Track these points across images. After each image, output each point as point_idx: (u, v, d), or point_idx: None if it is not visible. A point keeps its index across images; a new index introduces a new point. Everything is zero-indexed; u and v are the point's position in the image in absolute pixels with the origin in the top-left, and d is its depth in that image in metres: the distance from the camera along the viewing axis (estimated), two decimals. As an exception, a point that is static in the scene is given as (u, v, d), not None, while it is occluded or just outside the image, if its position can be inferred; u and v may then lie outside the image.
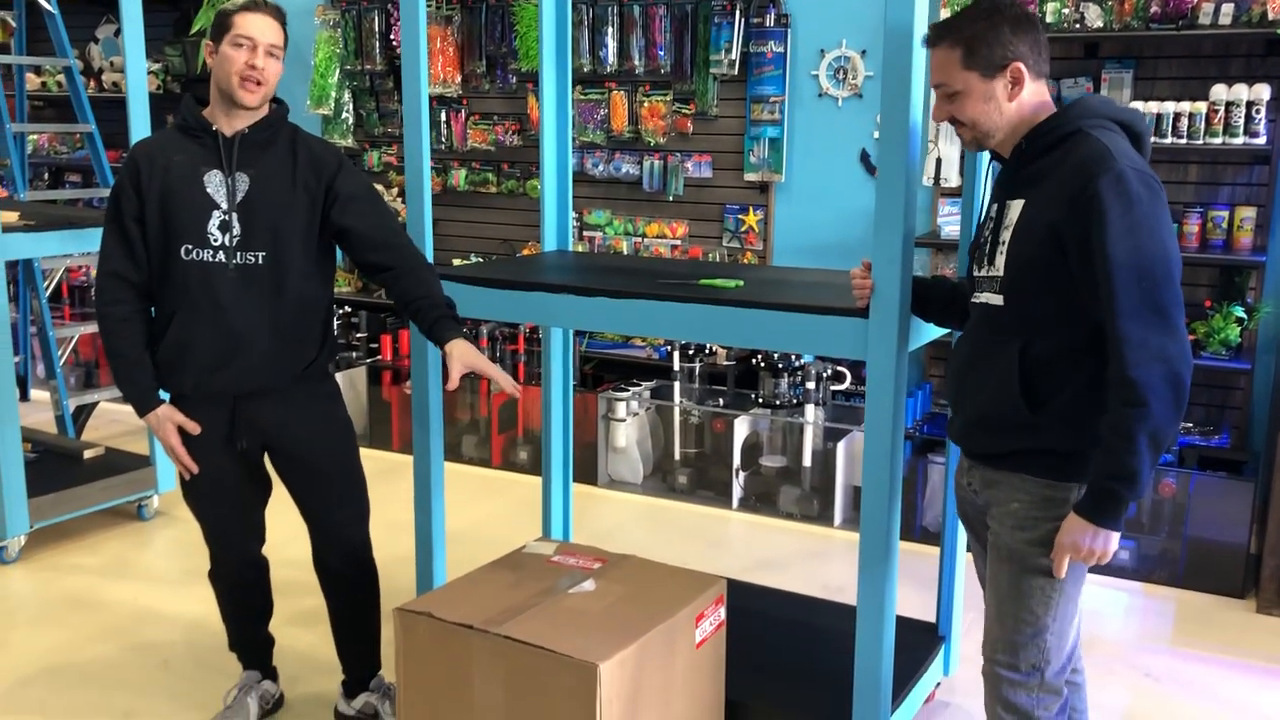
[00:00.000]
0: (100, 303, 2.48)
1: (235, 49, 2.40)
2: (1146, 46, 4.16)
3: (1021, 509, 1.99)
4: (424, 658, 2.25)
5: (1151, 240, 1.81)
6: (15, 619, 3.48)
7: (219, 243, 2.44)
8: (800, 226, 4.92)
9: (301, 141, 2.55)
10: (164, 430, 2.49)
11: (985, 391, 2.02)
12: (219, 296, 2.44)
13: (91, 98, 5.55)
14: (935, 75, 2.01)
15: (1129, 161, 1.85)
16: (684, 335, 2.65)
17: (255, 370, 2.50)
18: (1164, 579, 3.85)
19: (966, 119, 2.00)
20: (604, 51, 5.08)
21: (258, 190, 2.46)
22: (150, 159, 2.46)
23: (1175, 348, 1.81)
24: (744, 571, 3.80)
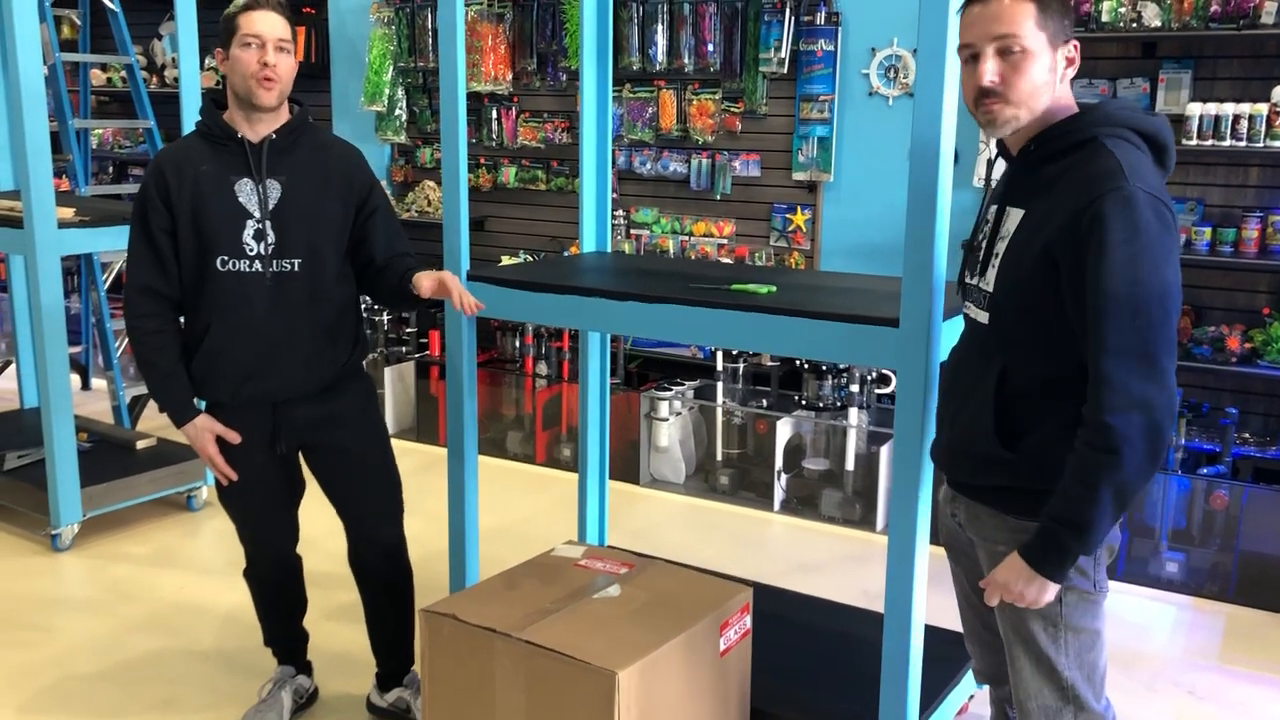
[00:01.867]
0: (131, 316, 2.46)
1: (245, 50, 2.38)
2: (1206, 46, 4.05)
3: (1007, 552, 1.85)
4: (448, 659, 2.27)
5: (1153, 274, 1.63)
6: (64, 606, 3.58)
7: (254, 252, 2.43)
8: (849, 226, 4.87)
9: (327, 144, 2.57)
10: (202, 440, 2.49)
11: (963, 417, 1.90)
12: (257, 306, 2.44)
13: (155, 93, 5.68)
14: (1000, 24, 1.72)
15: (1142, 183, 1.66)
16: (714, 341, 2.64)
17: (296, 376, 2.51)
18: (1214, 593, 3.76)
19: (1024, 87, 1.72)
20: (653, 49, 5.07)
21: (290, 197, 2.45)
22: (178, 170, 2.43)
23: (1160, 397, 1.63)
24: (782, 575, 3.78)
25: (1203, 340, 4.06)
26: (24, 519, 4.12)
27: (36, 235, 3.71)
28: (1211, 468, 3.93)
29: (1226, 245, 4.02)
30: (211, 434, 2.49)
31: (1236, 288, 4.18)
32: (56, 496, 3.87)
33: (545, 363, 5.29)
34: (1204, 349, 4.04)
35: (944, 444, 2.00)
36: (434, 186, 5.90)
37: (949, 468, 2.00)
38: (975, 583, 2.05)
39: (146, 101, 4.98)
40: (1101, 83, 4.21)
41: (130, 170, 7.07)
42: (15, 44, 3.63)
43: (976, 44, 1.76)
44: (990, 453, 1.83)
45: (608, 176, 3.32)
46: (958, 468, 1.96)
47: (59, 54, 4.80)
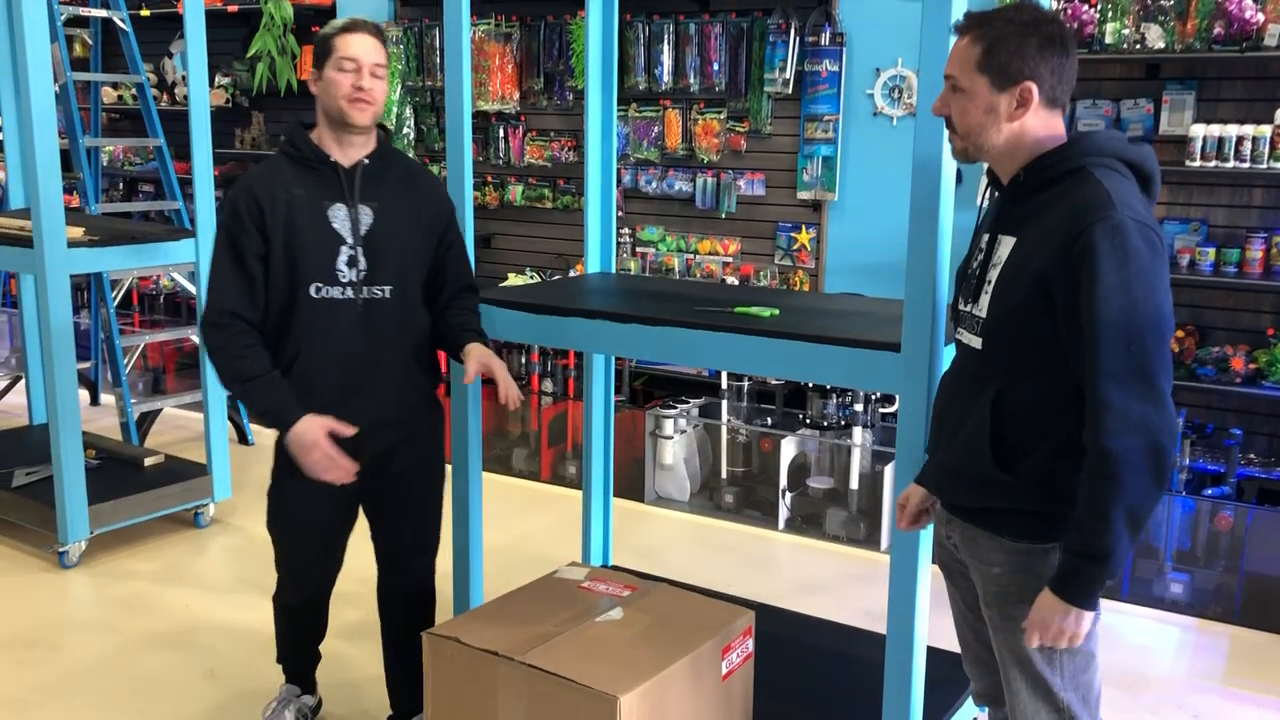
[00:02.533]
0: (218, 337, 2.38)
1: (340, 73, 2.36)
2: (1210, 68, 4.07)
3: (1003, 574, 1.89)
4: (451, 681, 2.28)
5: (1146, 300, 1.67)
6: (71, 622, 3.60)
7: (347, 279, 2.40)
8: (853, 245, 4.89)
9: (414, 170, 2.56)
10: (316, 436, 2.35)
11: (957, 441, 1.91)
12: (349, 333, 2.41)
13: (166, 111, 5.73)
14: (949, 64, 1.87)
15: (1130, 211, 1.70)
16: (717, 364, 2.66)
17: (385, 405, 2.48)
18: (1218, 615, 3.75)
19: (961, 124, 1.85)
20: (659, 69, 5.11)
21: (382, 223, 2.43)
22: (272, 195, 2.38)
23: (1159, 418, 1.66)
24: (786, 594, 3.79)
25: (1207, 361, 4.07)
26: (32, 536, 4.14)
27: (46, 255, 3.74)
28: (1216, 489, 3.93)
29: (1230, 266, 4.03)
30: (325, 429, 2.37)
31: (1240, 308, 4.19)
32: (64, 513, 3.89)
33: (551, 380, 5.31)
34: (1208, 369, 4.04)
35: (938, 467, 2.01)
36: (441, 204, 5.93)
37: (943, 490, 2.01)
38: (971, 603, 2.06)
39: (156, 119, 5.02)
40: (1105, 104, 4.23)
41: (140, 187, 7.12)
42: (27, 64, 3.66)
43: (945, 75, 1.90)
44: (986, 475, 1.84)
45: (613, 195, 3.34)
46: (952, 490, 1.97)
47: (70, 73, 4.84)
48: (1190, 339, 4.15)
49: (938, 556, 2.14)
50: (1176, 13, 3.98)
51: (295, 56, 6.03)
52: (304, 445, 2.35)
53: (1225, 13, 3.81)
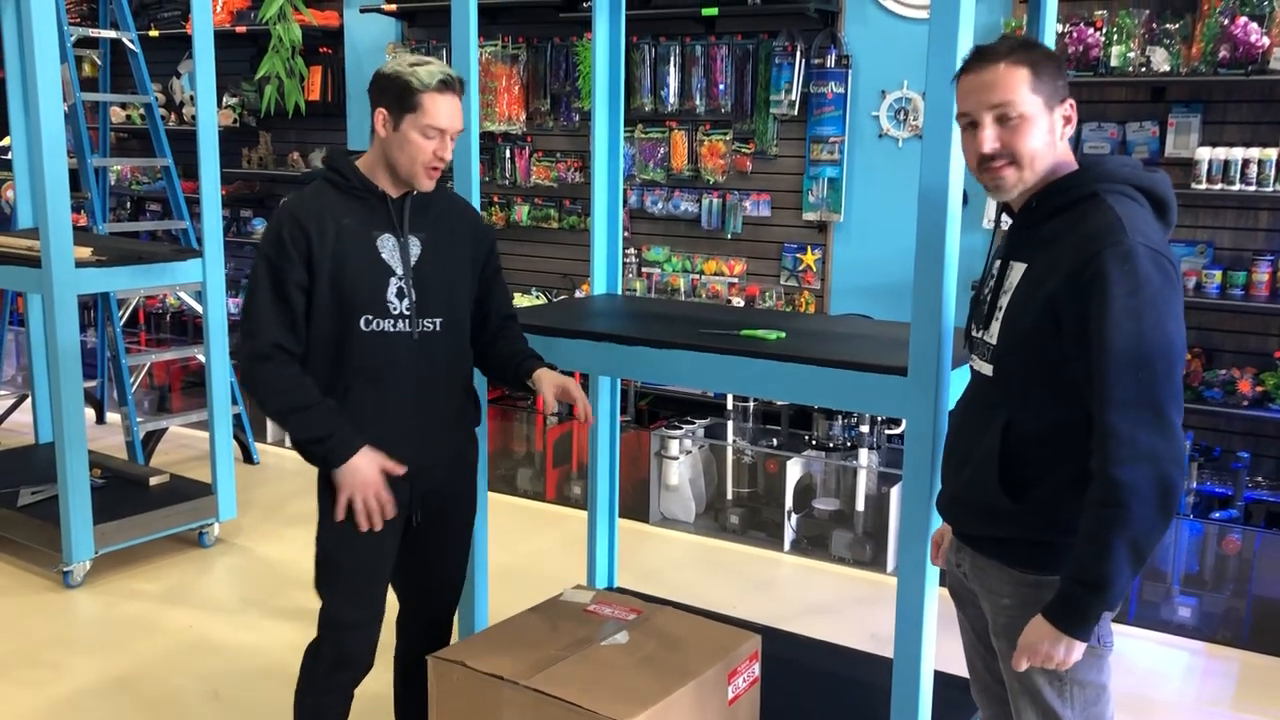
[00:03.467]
0: (263, 369, 2.23)
1: (424, 138, 2.23)
2: (1215, 91, 4.07)
3: (1012, 606, 1.87)
4: (456, 706, 2.27)
5: (1156, 327, 1.64)
6: (76, 643, 3.59)
7: (398, 311, 2.30)
8: (859, 267, 4.89)
9: (454, 201, 2.51)
10: (372, 473, 2.24)
11: (967, 469, 1.89)
12: (403, 367, 2.31)
13: (174, 130, 5.76)
14: (995, 93, 1.75)
15: (1142, 237, 1.67)
16: (724, 387, 2.65)
17: (440, 440, 2.41)
18: (1227, 639, 3.73)
19: (1026, 151, 1.75)
20: (665, 91, 5.12)
21: (430, 254, 2.35)
22: (320, 225, 2.25)
23: (1168, 448, 1.64)
24: (792, 617, 3.77)
25: (1214, 383, 4.06)
26: (36, 555, 4.14)
27: (54, 275, 3.75)
28: (1224, 512, 3.91)
29: (1237, 288, 4.03)
30: (381, 467, 2.26)
31: (1247, 330, 4.18)
32: (69, 533, 3.89)
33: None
34: (1215, 392, 4.03)
35: (949, 495, 2.00)
36: (447, 224, 5.94)
37: (954, 518, 2.00)
38: (981, 631, 2.05)
39: (164, 139, 5.04)
40: (1111, 126, 4.24)
41: (148, 206, 7.14)
42: (37, 85, 3.68)
43: (974, 112, 1.78)
44: (996, 504, 1.83)
45: (619, 215, 3.35)
46: (963, 519, 1.96)
47: (79, 93, 4.86)
48: (1197, 361, 4.14)
49: (949, 583, 2.12)
50: (1182, 36, 3.99)
51: (303, 78, 6.06)
52: (359, 482, 2.24)
53: (1230, 36, 3.82)
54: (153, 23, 6.55)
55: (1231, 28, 3.82)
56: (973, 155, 1.82)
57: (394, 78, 2.23)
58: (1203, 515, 3.91)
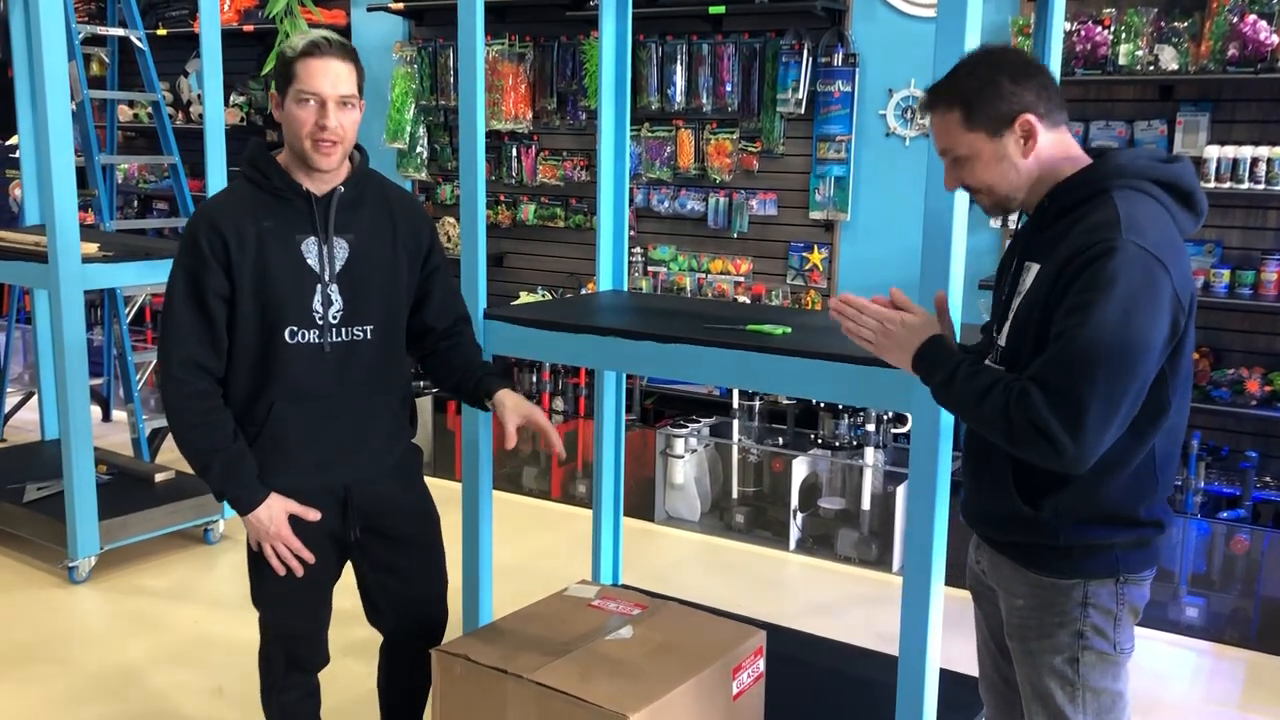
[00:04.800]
0: (177, 395, 2.11)
1: (301, 107, 2.07)
2: (1224, 89, 4.06)
3: (1026, 608, 1.85)
4: (460, 699, 2.26)
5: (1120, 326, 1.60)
6: (80, 638, 3.59)
7: (324, 320, 2.16)
8: (865, 266, 4.88)
9: (391, 195, 2.31)
10: (279, 524, 2.15)
11: (986, 473, 1.88)
12: (331, 380, 2.18)
13: (181, 129, 5.77)
14: (938, 141, 1.82)
15: (1136, 236, 1.63)
16: (729, 382, 2.64)
17: (374, 455, 2.28)
18: (1235, 639, 3.71)
19: (981, 185, 1.80)
20: (672, 89, 5.12)
21: (359, 257, 2.19)
22: (238, 229, 2.10)
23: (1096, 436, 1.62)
24: (797, 616, 3.76)
25: (1222, 383, 4.04)
26: (42, 551, 4.15)
27: (60, 270, 3.76)
28: (1232, 511, 3.89)
29: (1245, 288, 4.01)
30: (286, 514, 2.16)
31: (1255, 330, 4.16)
32: (74, 529, 3.89)
33: (561, 399, 5.30)
34: (1223, 392, 4.01)
35: (969, 498, 1.97)
36: (454, 223, 5.95)
37: (972, 520, 1.98)
38: (994, 630, 2.03)
39: (171, 137, 5.05)
40: (1119, 125, 4.22)
41: (155, 204, 7.16)
42: (45, 82, 3.69)
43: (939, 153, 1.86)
44: (1013, 510, 1.81)
45: (625, 214, 3.35)
46: (979, 524, 1.96)
47: (87, 91, 4.88)
48: (1205, 361, 4.12)
49: (969, 580, 2.09)
50: (1190, 34, 3.98)
51: (310, 76, 6.06)
52: (266, 533, 2.15)
53: (1239, 34, 3.81)
54: (160, 21, 6.56)
55: (1240, 25, 3.81)
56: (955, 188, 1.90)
57: (277, 57, 2.13)
58: (1211, 515, 3.89)
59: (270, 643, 2.39)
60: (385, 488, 2.33)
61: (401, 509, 2.37)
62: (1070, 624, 1.81)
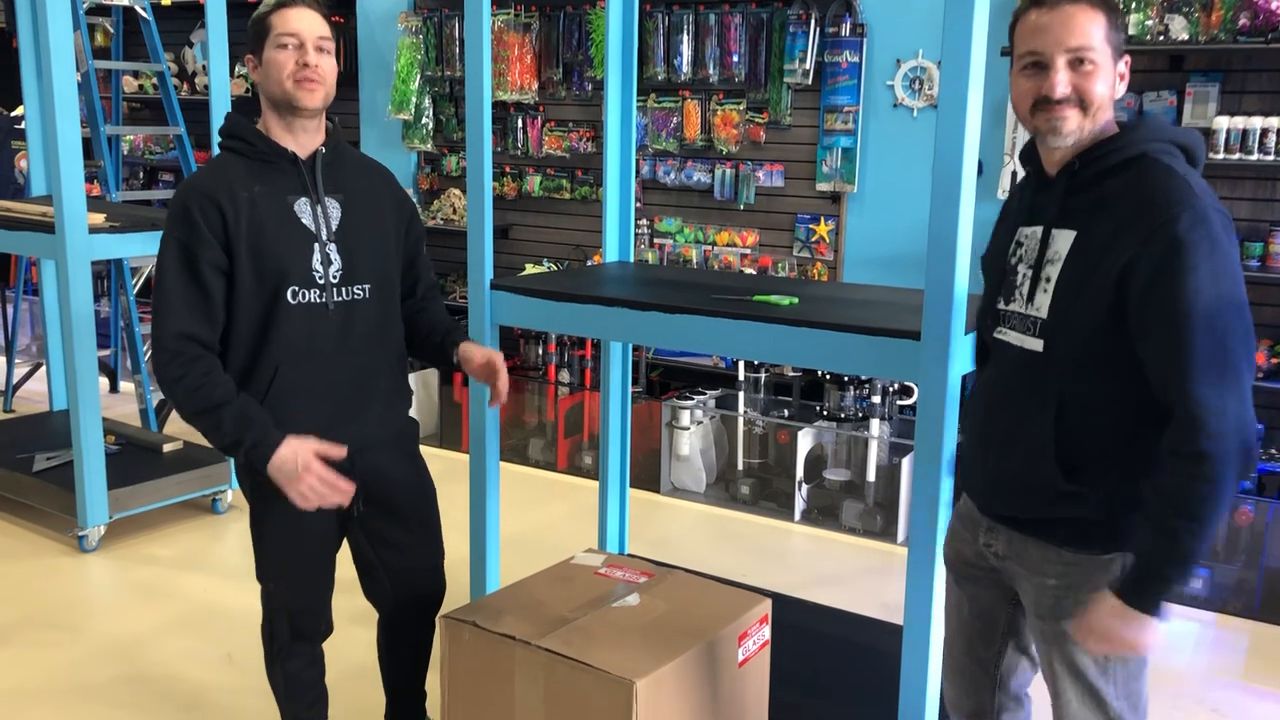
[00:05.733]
0: (172, 366, 2.07)
1: (281, 51, 2.11)
2: (1234, 60, 4.04)
3: (1059, 587, 1.79)
4: (467, 665, 2.28)
5: (1234, 294, 1.58)
6: (91, 606, 3.62)
7: (324, 279, 2.16)
8: (872, 238, 4.87)
9: (367, 163, 2.37)
10: (307, 459, 2.08)
11: (1017, 450, 1.79)
12: (334, 341, 2.18)
13: (186, 100, 5.76)
14: (1074, 36, 1.67)
15: (1211, 199, 1.61)
16: (736, 352, 2.64)
17: (377, 418, 2.29)
18: (1238, 610, 3.72)
19: (1096, 96, 1.68)
20: (678, 60, 5.10)
21: (351, 217, 2.22)
22: (232, 196, 2.10)
23: (1249, 416, 1.58)
24: (802, 586, 3.78)
25: (1229, 355, 4.04)
26: (52, 520, 4.18)
27: (67, 240, 3.76)
28: (1237, 483, 3.90)
29: (1254, 260, 4.00)
30: (314, 451, 2.10)
31: (1263, 302, 4.15)
32: (84, 498, 3.92)
33: (568, 371, 5.31)
34: (1230, 364, 4.01)
35: (989, 477, 1.89)
36: (459, 195, 5.94)
37: (993, 500, 1.90)
38: (981, 613, 2.00)
39: (177, 108, 5.04)
40: (1128, 96, 4.20)
41: (160, 176, 7.15)
42: (50, 52, 3.68)
43: (1047, 51, 1.69)
44: (1051, 484, 1.75)
45: (631, 186, 3.34)
46: (1006, 501, 1.87)
47: (92, 61, 4.86)
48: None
49: (952, 560, 2.05)
50: (1201, 4, 3.95)
51: (315, 46, 6.03)
52: (293, 472, 2.07)
53: (1251, 4, 3.78)
54: (165, -8, 6.54)
55: (1252, -5, 3.78)
56: (1029, 97, 1.72)
57: (251, 23, 2.17)
58: (1215, 487, 3.90)
59: (274, 614, 2.41)
60: (387, 458, 2.34)
61: (402, 482, 2.39)
62: None
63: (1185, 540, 1.60)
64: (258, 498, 2.28)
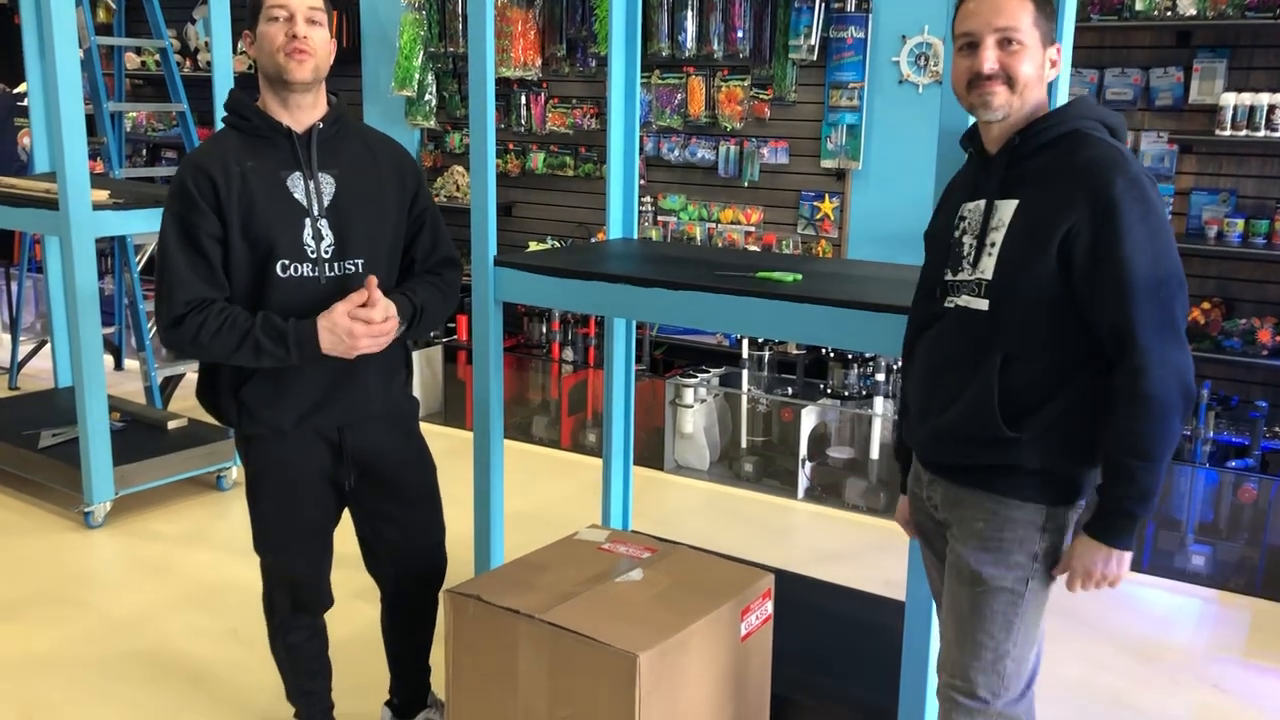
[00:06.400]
0: (189, 326, 2.11)
1: (271, 24, 2.13)
2: (1242, 35, 4.01)
3: (986, 529, 1.88)
4: (472, 639, 2.29)
5: (1168, 249, 1.74)
6: (97, 581, 3.64)
7: (315, 254, 2.19)
8: (877, 215, 4.86)
9: (372, 138, 2.36)
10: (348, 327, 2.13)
11: (959, 402, 1.88)
12: None
13: (188, 77, 5.74)
14: (1001, 18, 1.82)
15: (1139, 166, 1.76)
16: (740, 329, 2.64)
17: (369, 396, 2.30)
18: (1240, 587, 3.73)
19: (1022, 75, 1.82)
20: (683, 36, 5.07)
21: (345, 192, 2.23)
22: (225, 170, 2.15)
23: (1187, 361, 1.74)
24: (805, 563, 3.79)
25: (1233, 333, 4.03)
26: (58, 496, 4.20)
27: (71, 216, 3.76)
28: (1240, 461, 3.90)
29: (1259, 237, 3.99)
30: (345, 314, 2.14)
31: (1268, 280, 4.14)
32: (90, 474, 3.93)
33: (571, 349, 5.31)
34: (1234, 341, 4.00)
35: (924, 432, 1.97)
36: (463, 172, 5.93)
37: (931, 452, 1.99)
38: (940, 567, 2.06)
39: (180, 85, 5.03)
40: (1135, 72, 4.18)
41: (163, 153, 7.14)
42: (52, 28, 3.67)
43: (977, 32, 1.84)
44: (994, 435, 1.84)
45: (635, 163, 3.33)
46: (947, 451, 1.95)
47: (94, 37, 4.85)
48: (1217, 311, 4.11)
49: (915, 520, 2.13)
50: (1209, -21, 3.92)
51: (318, 23, 6.01)
52: (340, 341, 2.14)
53: (1259, -21, 3.75)
54: (167, -33, 6.50)
55: (1260, -30, 3.75)
56: (965, 75, 1.87)
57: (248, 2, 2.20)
58: (1219, 464, 3.90)
59: (273, 587, 2.44)
60: (379, 434, 2.37)
61: (396, 456, 2.41)
62: (1028, 546, 1.87)
63: (1142, 478, 1.74)
64: (254, 470, 2.32)
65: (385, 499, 2.43)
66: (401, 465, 2.43)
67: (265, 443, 2.29)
